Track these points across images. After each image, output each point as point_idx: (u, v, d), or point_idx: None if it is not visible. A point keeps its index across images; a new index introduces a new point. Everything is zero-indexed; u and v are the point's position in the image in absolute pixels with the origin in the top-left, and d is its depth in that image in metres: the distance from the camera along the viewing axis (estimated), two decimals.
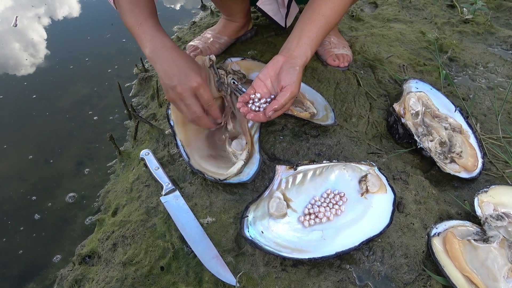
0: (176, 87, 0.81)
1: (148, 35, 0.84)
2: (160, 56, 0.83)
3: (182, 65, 0.82)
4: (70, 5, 1.96)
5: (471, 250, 0.73)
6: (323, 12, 0.83)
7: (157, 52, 0.83)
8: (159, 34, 0.85)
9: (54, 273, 0.86)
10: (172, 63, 0.82)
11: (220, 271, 0.73)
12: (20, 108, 1.33)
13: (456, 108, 1.00)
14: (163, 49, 0.83)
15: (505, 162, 0.94)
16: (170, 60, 0.82)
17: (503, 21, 1.50)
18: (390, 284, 0.72)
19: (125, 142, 1.17)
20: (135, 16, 0.86)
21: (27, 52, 1.62)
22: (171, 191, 0.87)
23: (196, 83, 0.81)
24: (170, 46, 0.84)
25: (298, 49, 0.82)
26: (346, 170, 0.84)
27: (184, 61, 0.83)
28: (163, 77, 0.83)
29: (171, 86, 0.82)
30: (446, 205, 0.85)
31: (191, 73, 0.81)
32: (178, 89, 0.81)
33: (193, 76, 0.81)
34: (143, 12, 0.87)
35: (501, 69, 1.24)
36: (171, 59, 0.82)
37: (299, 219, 0.78)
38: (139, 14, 0.86)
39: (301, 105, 0.99)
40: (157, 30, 0.86)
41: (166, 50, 0.83)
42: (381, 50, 1.28)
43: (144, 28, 0.85)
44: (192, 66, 0.83)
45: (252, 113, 0.79)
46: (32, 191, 1.05)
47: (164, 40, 0.85)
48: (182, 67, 0.82)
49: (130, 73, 1.45)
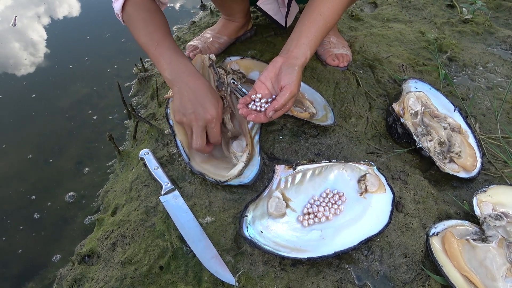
0: (190, 114, 0.82)
1: (167, 57, 0.84)
2: (180, 81, 0.83)
3: (201, 95, 0.82)
4: (69, 4, 1.96)
5: (469, 249, 0.73)
6: (322, 12, 0.83)
7: (178, 77, 0.83)
8: (178, 57, 0.85)
9: (53, 273, 0.86)
10: (191, 91, 0.82)
11: (219, 270, 0.73)
12: (19, 107, 1.33)
13: (455, 108, 1.00)
14: (184, 74, 0.83)
15: (504, 162, 0.94)
16: (191, 87, 0.82)
17: (502, 21, 1.50)
18: (389, 284, 0.72)
19: (125, 142, 1.17)
20: (150, 35, 0.85)
21: (26, 52, 1.62)
22: (171, 191, 0.87)
23: (211, 117, 0.82)
24: (191, 72, 0.84)
25: (297, 50, 0.82)
26: (345, 169, 0.84)
27: (204, 91, 0.83)
28: (180, 101, 0.83)
29: (185, 111, 0.83)
30: (445, 205, 0.85)
31: (208, 105, 0.82)
32: (192, 117, 0.82)
33: (210, 109, 0.82)
34: (159, 31, 0.86)
35: (500, 69, 1.24)
36: (192, 86, 0.83)
37: (298, 218, 0.78)
38: (155, 33, 0.86)
39: (300, 105, 0.99)
40: (176, 52, 0.85)
41: (187, 75, 0.83)
42: (381, 50, 1.28)
43: (162, 49, 0.85)
44: (211, 98, 0.83)
45: (253, 114, 0.79)
46: (31, 191, 1.05)
47: (186, 64, 0.85)
48: (201, 97, 0.82)
49: (129, 73, 1.45)
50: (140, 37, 0.87)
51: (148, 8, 0.88)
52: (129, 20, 0.88)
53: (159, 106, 1.19)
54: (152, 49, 0.85)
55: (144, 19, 0.87)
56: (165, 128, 1.05)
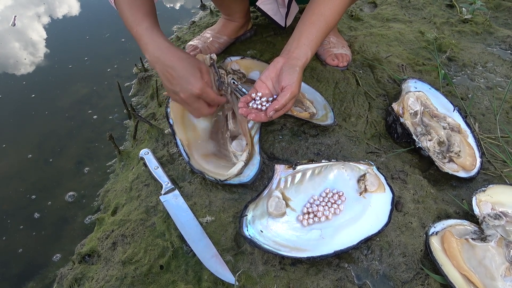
0: (179, 93, 0.81)
1: (145, 38, 0.82)
2: (159, 61, 0.81)
3: (181, 70, 0.80)
4: (69, 4, 1.96)
5: (469, 249, 0.73)
6: (322, 13, 0.84)
7: (156, 57, 0.82)
8: (154, 36, 0.82)
9: (53, 272, 0.86)
10: (171, 69, 0.80)
11: (219, 269, 0.73)
12: (19, 107, 1.33)
13: (455, 108, 1.01)
14: (160, 52, 0.81)
15: (503, 162, 0.94)
16: (169, 65, 0.80)
17: (502, 21, 1.51)
18: (388, 283, 0.72)
19: (125, 142, 1.17)
20: (132, 17, 0.84)
21: (25, 52, 1.62)
22: (171, 190, 0.87)
23: (198, 90, 0.80)
24: (165, 48, 0.81)
25: (298, 50, 0.82)
26: (345, 169, 0.84)
27: (183, 65, 0.80)
28: (166, 83, 0.83)
29: (174, 91, 0.82)
30: (444, 204, 0.85)
31: (191, 79, 0.80)
32: (182, 96, 0.81)
33: (194, 81, 0.80)
34: (139, 12, 0.84)
35: (499, 68, 1.24)
36: (169, 64, 0.80)
37: (298, 218, 0.79)
38: (136, 15, 0.84)
39: (300, 104, 0.99)
40: (152, 32, 0.83)
41: (164, 54, 0.81)
42: (380, 50, 1.28)
43: (141, 29, 0.83)
44: (192, 70, 0.81)
45: (253, 113, 0.80)
46: (31, 190, 1.05)
47: (160, 42, 0.82)
48: (182, 72, 0.80)
49: (129, 73, 1.45)
50: (125, 20, 0.85)
51: None
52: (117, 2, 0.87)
53: (159, 106, 1.19)
54: (134, 31, 0.84)
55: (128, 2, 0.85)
56: (165, 128, 1.05)
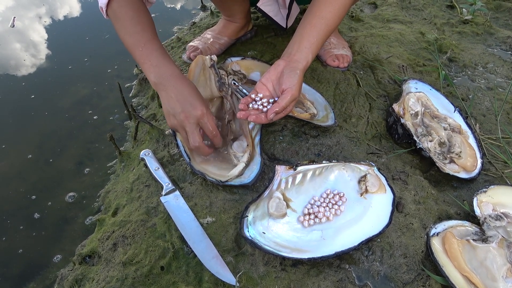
0: (180, 114, 0.82)
1: (153, 60, 0.84)
2: (167, 84, 0.83)
3: (188, 94, 0.83)
4: (68, 5, 1.96)
5: (470, 250, 0.73)
6: (323, 15, 0.84)
7: (164, 80, 0.83)
8: (165, 60, 0.85)
9: (54, 273, 0.86)
10: (178, 92, 0.83)
11: (220, 270, 0.73)
12: (18, 108, 1.33)
13: (456, 109, 1.01)
14: (170, 77, 0.83)
15: (504, 163, 0.94)
16: (177, 88, 0.83)
17: (502, 22, 1.51)
18: (389, 284, 0.72)
19: (125, 142, 1.17)
20: (137, 35, 0.85)
21: (25, 53, 1.62)
22: (171, 191, 0.87)
23: (201, 112, 0.81)
24: (177, 75, 0.84)
25: (299, 53, 0.83)
26: (345, 170, 0.84)
27: (189, 90, 0.83)
28: (167, 103, 0.84)
29: (175, 112, 0.83)
30: (445, 205, 0.85)
31: (195, 102, 0.82)
32: (182, 116, 0.82)
33: (198, 105, 0.82)
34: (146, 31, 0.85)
35: (500, 69, 1.24)
36: (178, 87, 0.83)
37: (299, 219, 0.79)
38: (142, 34, 0.85)
39: (301, 105, 0.99)
40: (162, 55, 0.85)
41: (173, 78, 0.83)
42: (381, 51, 1.28)
43: (149, 51, 0.84)
44: (197, 96, 0.84)
45: (253, 115, 0.80)
46: (32, 191, 1.05)
47: (172, 67, 0.85)
48: (188, 96, 0.82)
49: (130, 74, 1.45)
50: (126, 37, 0.86)
51: (137, 7, 0.87)
52: (115, 16, 0.87)
53: (159, 106, 1.19)
54: (138, 50, 0.85)
55: (131, 17, 0.85)
56: (166, 128, 1.05)
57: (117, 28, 0.88)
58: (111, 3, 0.86)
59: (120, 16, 0.86)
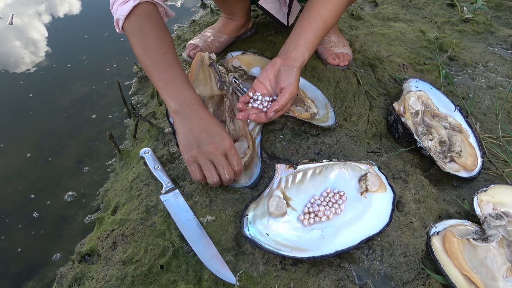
0: (207, 145, 0.77)
1: (177, 85, 0.80)
2: (189, 112, 0.79)
3: (214, 124, 0.79)
4: (67, 3, 1.95)
5: (470, 249, 0.73)
6: (320, 13, 0.84)
7: (186, 108, 0.79)
8: (187, 87, 0.81)
9: (53, 271, 0.86)
10: (203, 121, 0.79)
11: (219, 269, 0.73)
12: (17, 107, 1.32)
13: (456, 107, 1.00)
14: (194, 105, 0.79)
15: (505, 162, 0.94)
16: (202, 118, 0.79)
17: (503, 21, 1.50)
18: (390, 283, 0.72)
19: (125, 141, 1.17)
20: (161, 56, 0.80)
21: (23, 51, 1.62)
22: (171, 190, 0.87)
23: (229, 144, 0.78)
24: (200, 103, 0.81)
25: (296, 51, 0.83)
26: (345, 169, 0.84)
27: (214, 120, 0.80)
28: (190, 133, 0.79)
29: (200, 143, 0.78)
30: (446, 204, 0.85)
31: (223, 133, 0.79)
32: (210, 148, 0.77)
33: (226, 136, 0.79)
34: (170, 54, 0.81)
35: (501, 68, 1.24)
36: (202, 117, 0.79)
37: (299, 218, 0.78)
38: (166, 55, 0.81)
39: (302, 104, 0.99)
40: (186, 82, 0.81)
41: (196, 107, 0.80)
42: (381, 49, 1.28)
43: (172, 75, 0.80)
44: (222, 127, 0.81)
45: (253, 114, 0.80)
46: (31, 190, 1.05)
47: (194, 95, 0.81)
48: (214, 126, 0.79)
49: (129, 72, 1.45)
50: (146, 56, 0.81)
51: (159, 25, 0.83)
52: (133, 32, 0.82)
53: (159, 105, 1.19)
54: (158, 73, 0.80)
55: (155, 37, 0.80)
56: (166, 127, 1.05)
57: (135, 43, 0.82)
58: (130, 16, 0.82)
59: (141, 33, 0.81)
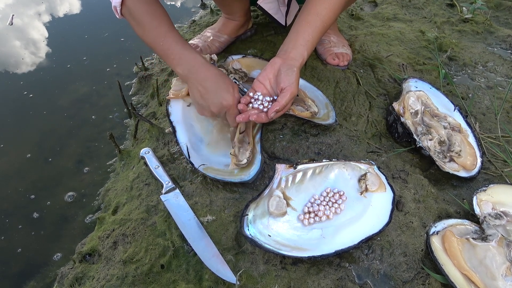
0: (209, 107, 0.84)
1: (176, 52, 0.84)
2: (193, 75, 0.84)
3: (214, 84, 0.83)
4: (67, 3, 1.95)
5: (469, 248, 0.73)
6: (319, 12, 0.84)
7: (190, 71, 0.84)
8: (186, 50, 0.85)
9: (54, 271, 0.86)
10: (205, 82, 0.83)
11: (220, 269, 0.73)
12: (17, 107, 1.32)
13: (455, 107, 1.01)
14: (194, 67, 0.84)
15: (504, 161, 0.94)
16: (203, 78, 0.84)
17: (502, 21, 1.51)
18: (389, 282, 0.72)
19: (125, 141, 1.17)
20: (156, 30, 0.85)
21: (23, 51, 1.62)
22: (171, 190, 0.87)
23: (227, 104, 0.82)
24: (201, 63, 0.85)
25: (295, 51, 0.83)
26: (345, 169, 0.84)
27: (216, 80, 0.84)
28: (196, 97, 0.85)
29: (204, 106, 0.85)
30: (445, 204, 0.85)
31: (223, 93, 0.82)
32: (212, 109, 0.84)
33: (227, 96, 0.82)
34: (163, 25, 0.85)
35: (500, 68, 1.24)
36: (203, 77, 0.84)
37: (299, 217, 0.79)
38: (160, 28, 0.85)
39: (302, 103, 0.99)
40: (183, 45, 0.86)
41: (198, 68, 0.84)
42: (381, 49, 1.28)
43: (169, 44, 0.84)
44: (225, 85, 0.83)
45: (254, 115, 0.80)
46: (31, 190, 1.05)
47: (195, 56, 0.85)
48: (215, 86, 0.83)
49: (130, 72, 1.45)
50: (145, 34, 0.86)
51: (150, 1, 0.86)
52: (130, 14, 0.86)
53: (159, 105, 1.19)
54: (159, 46, 0.85)
55: (147, 12, 0.85)
56: (166, 127, 1.05)
57: (134, 25, 0.87)
58: (125, 1, 0.85)
59: (135, 13, 0.85)
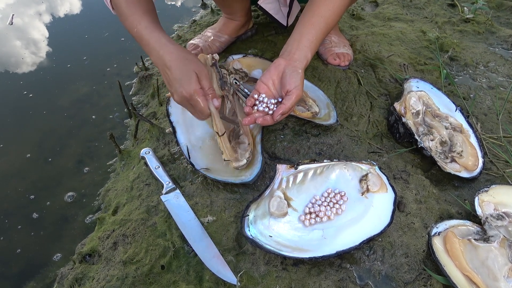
0: (173, 95, 0.81)
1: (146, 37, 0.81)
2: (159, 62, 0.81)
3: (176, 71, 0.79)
4: (67, 3, 1.95)
5: (471, 249, 0.73)
6: (322, 14, 0.83)
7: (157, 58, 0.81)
8: (154, 35, 0.81)
9: (54, 272, 0.86)
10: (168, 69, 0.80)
11: (220, 270, 0.73)
12: (17, 106, 1.32)
13: (457, 108, 1.00)
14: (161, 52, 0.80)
15: (506, 162, 0.94)
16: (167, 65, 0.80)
17: (503, 21, 1.50)
18: (391, 283, 0.72)
19: (126, 141, 1.17)
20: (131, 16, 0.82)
21: (23, 51, 1.61)
22: (172, 190, 0.87)
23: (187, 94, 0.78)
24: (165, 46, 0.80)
25: (299, 52, 0.82)
26: (346, 169, 0.84)
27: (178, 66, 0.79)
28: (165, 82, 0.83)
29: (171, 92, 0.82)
30: (447, 205, 0.85)
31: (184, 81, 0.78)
32: (175, 98, 0.80)
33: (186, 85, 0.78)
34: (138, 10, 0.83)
35: (501, 68, 1.24)
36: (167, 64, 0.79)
37: (300, 218, 0.78)
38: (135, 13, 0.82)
39: (303, 103, 0.98)
40: (153, 30, 0.82)
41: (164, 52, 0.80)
42: (382, 49, 1.28)
43: (141, 29, 0.82)
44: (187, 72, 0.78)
45: (260, 118, 0.79)
46: (31, 190, 1.05)
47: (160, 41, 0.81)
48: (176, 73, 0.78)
49: (130, 72, 1.45)
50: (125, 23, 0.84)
51: None
52: (116, 7, 0.85)
53: (160, 105, 1.19)
54: (134, 31, 0.82)
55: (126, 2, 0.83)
56: (166, 127, 1.05)
57: (119, 15, 0.85)
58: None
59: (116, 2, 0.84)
